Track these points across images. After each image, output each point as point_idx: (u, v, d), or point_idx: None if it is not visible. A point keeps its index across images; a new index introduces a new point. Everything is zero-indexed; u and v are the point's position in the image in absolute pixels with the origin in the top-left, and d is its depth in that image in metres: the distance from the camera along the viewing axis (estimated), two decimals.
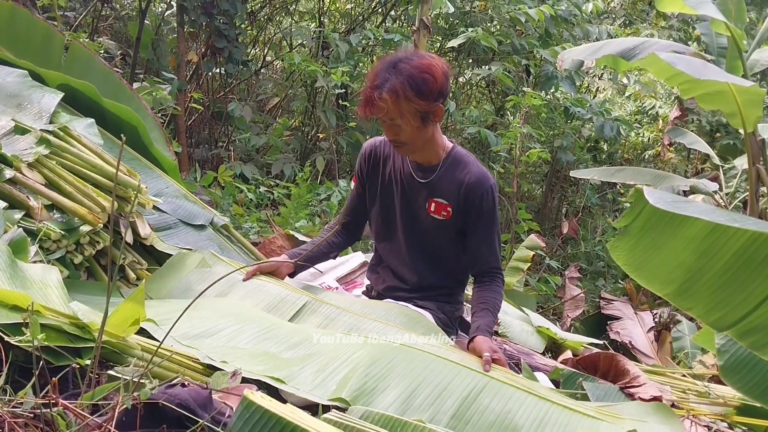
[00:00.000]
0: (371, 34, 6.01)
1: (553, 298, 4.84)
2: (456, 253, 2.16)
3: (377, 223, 2.23)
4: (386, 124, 1.97)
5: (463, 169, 2.07)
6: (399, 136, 1.97)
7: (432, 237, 2.12)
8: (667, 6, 3.80)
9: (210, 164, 5.92)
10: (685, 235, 1.49)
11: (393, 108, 1.91)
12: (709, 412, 2.02)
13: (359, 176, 2.24)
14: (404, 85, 1.88)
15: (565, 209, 7.35)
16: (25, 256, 1.78)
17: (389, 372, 1.50)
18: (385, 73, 1.92)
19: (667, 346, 3.72)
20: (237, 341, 1.66)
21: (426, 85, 1.90)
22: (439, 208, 2.07)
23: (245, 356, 1.57)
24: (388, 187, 2.16)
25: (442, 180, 2.07)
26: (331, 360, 1.55)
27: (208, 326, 1.69)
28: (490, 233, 2.08)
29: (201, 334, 1.66)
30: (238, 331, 1.70)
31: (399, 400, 1.43)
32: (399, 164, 2.14)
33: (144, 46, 5.54)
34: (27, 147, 2.17)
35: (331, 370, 1.51)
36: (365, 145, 2.24)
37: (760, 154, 3.88)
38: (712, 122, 6.95)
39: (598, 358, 2.29)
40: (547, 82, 5.93)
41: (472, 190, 2.03)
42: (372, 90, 1.92)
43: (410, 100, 1.89)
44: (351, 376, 1.47)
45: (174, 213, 2.62)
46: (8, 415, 1.13)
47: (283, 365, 1.54)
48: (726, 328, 1.47)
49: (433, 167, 2.08)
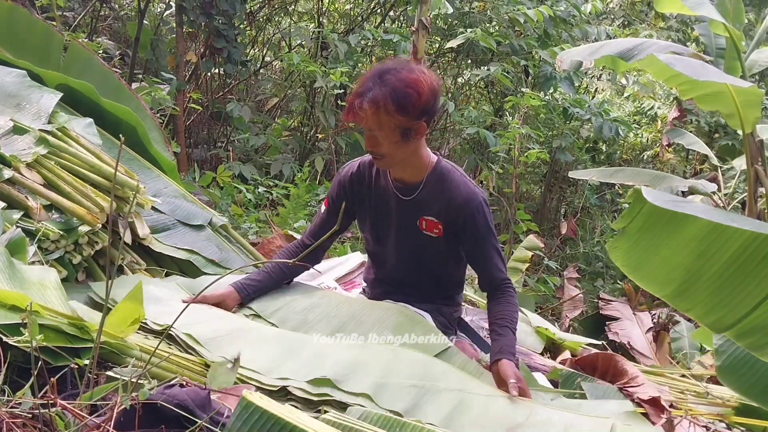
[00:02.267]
0: (370, 34, 6.00)
1: (552, 299, 4.84)
2: (451, 266, 2.14)
3: (370, 241, 2.19)
4: (366, 134, 1.91)
5: (449, 187, 2.00)
6: (376, 148, 1.90)
7: (426, 254, 2.08)
8: (666, 7, 3.80)
9: (209, 164, 5.92)
10: (684, 236, 1.49)
11: (372, 119, 1.83)
12: (708, 413, 2.02)
13: (334, 200, 2.14)
14: (386, 97, 1.80)
15: (564, 210, 7.35)
16: (24, 257, 1.78)
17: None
18: (370, 82, 1.84)
19: (665, 346, 3.72)
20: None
21: (409, 100, 1.81)
22: (430, 226, 2.02)
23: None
24: (377, 209, 2.10)
25: (428, 197, 2.01)
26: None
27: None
28: (490, 247, 2.02)
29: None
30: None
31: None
32: (384, 184, 2.07)
33: (143, 46, 5.54)
34: (26, 147, 2.17)
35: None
36: (342, 173, 2.14)
37: (758, 154, 3.88)
38: (710, 123, 6.96)
39: (596, 359, 2.29)
40: (546, 83, 5.93)
41: (461, 211, 1.97)
42: (354, 98, 1.86)
43: (390, 114, 1.81)
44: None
45: (172, 213, 2.61)
46: (7, 416, 1.13)
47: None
48: (724, 329, 1.47)
49: (416, 185, 2.01)
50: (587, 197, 6.76)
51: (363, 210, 2.13)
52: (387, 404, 1.47)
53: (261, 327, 1.87)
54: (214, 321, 1.79)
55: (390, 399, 1.50)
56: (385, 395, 1.50)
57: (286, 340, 1.74)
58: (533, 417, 1.53)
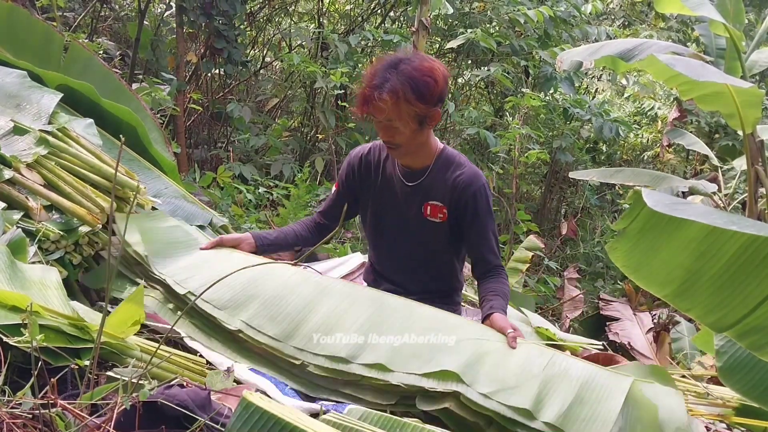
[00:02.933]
0: (370, 34, 6.00)
1: (552, 299, 4.84)
2: (452, 257, 2.15)
3: (371, 230, 2.21)
4: (381, 125, 1.93)
5: (455, 170, 2.04)
6: (394, 138, 1.94)
7: (428, 243, 2.10)
8: (666, 7, 3.79)
9: (209, 165, 5.92)
10: (684, 236, 1.49)
11: (392, 109, 1.87)
12: (708, 413, 2.02)
13: (344, 183, 2.19)
14: (405, 86, 1.84)
15: (564, 210, 7.34)
16: (24, 257, 1.78)
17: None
18: (385, 73, 1.87)
19: (665, 346, 3.71)
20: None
21: (427, 89, 1.86)
22: (434, 211, 2.04)
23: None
24: (381, 195, 2.12)
25: (434, 182, 2.04)
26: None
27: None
28: (487, 231, 2.05)
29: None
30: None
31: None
32: (390, 171, 2.10)
33: (143, 47, 5.54)
34: (26, 147, 2.17)
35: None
36: (353, 154, 2.19)
37: (758, 155, 3.88)
38: (711, 123, 6.96)
39: (597, 359, 2.30)
40: (546, 83, 5.93)
41: (464, 190, 2.01)
42: (371, 89, 1.88)
43: (410, 102, 1.86)
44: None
45: (173, 214, 2.60)
46: (7, 416, 1.13)
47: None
48: (725, 329, 1.47)
49: (423, 170, 2.05)
50: (587, 198, 6.75)
51: (366, 196, 2.16)
52: (401, 367, 1.54)
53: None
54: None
55: (404, 361, 1.56)
56: (398, 359, 1.56)
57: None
58: (549, 369, 1.55)
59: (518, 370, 1.56)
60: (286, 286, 1.78)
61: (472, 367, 1.54)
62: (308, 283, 1.84)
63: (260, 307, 1.72)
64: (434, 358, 1.56)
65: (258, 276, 1.80)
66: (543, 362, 1.58)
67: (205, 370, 1.54)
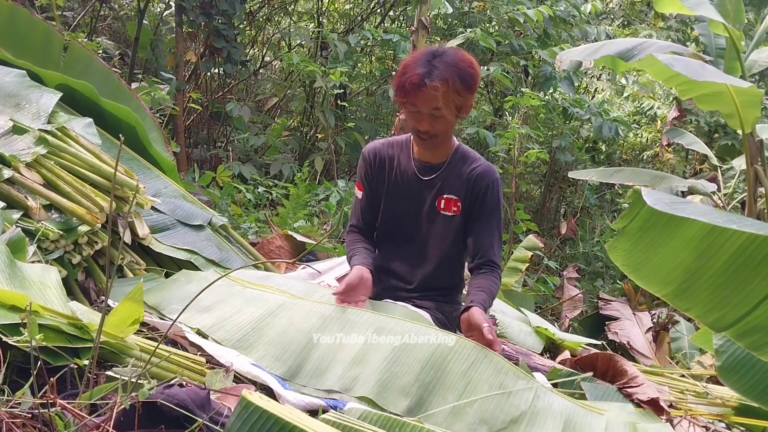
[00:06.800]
0: (370, 34, 6.00)
1: (552, 299, 4.84)
2: (459, 252, 2.17)
3: (382, 224, 2.22)
4: (423, 115, 1.93)
5: (471, 164, 2.09)
6: (434, 127, 1.95)
7: (438, 237, 2.12)
8: (666, 7, 3.80)
9: (208, 164, 5.91)
10: (683, 235, 1.49)
11: (442, 97, 1.89)
12: (707, 413, 2.02)
13: (365, 181, 2.19)
14: (454, 76, 1.88)
15: (564, 210, 7.34)
16: (24, 256, 1.78)
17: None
18: (429, 64, 1.90)
19: (665, 346, 3.72)
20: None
21: (472, 78, 1.92)
22: (449, 205, 2.08)
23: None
24: (394, 190, 2.15)
25: (449, 176, 2.08)
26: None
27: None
28: (492, 225, 2.09)
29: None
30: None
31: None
32: (404, 166, 2.13)
33: (142, 46, 5.54)
34: (25, 147, 2.17)
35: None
36: (367, 150, 2.19)
37: (758, 154, 3.88)
38: (710, 123, 6.96)
39: (596, 359, 2.29)
40: (546, 83, 5.93)
41: (479, 181, 2.06)
42: (418, 77, 1.88)
43: (457, 91, 1.89)
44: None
45: (172, 213, 2.61)
46: (6, 416, 1.13)
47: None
48: (724, 329, 1.47)
49: (440, 165, 2.09)
50: (587, 197, 6.75)
51: (380, 190, 2.17)
52: (390, 405, 1.52)
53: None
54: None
55: (393, 398, 1.53)
56: (388, 395, 1.54)
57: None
58: (536, 403, 1.55)
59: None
60: (292, 323, 1.79)
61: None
62: (312, 315, 1.83)
63: (267, 347, 1.72)
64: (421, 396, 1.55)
65: (266, 313, 1.83)
66: (529, 396, 1.58)
67: (204, 369, 1.54)
